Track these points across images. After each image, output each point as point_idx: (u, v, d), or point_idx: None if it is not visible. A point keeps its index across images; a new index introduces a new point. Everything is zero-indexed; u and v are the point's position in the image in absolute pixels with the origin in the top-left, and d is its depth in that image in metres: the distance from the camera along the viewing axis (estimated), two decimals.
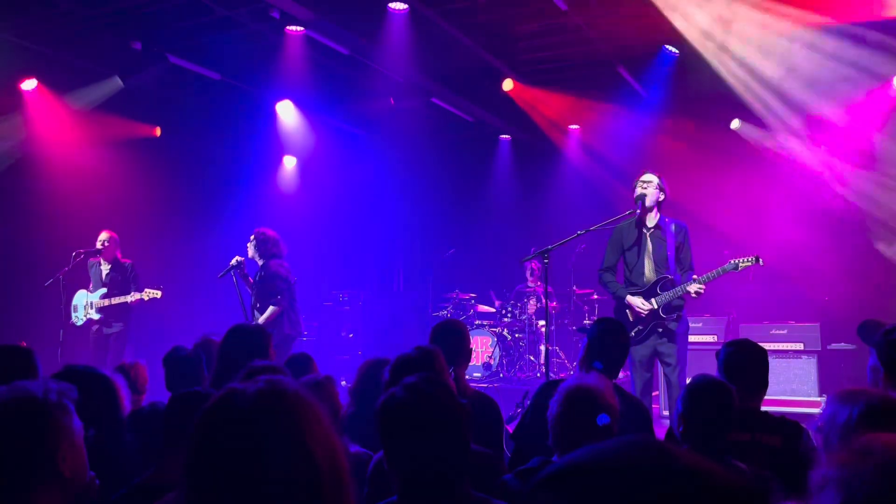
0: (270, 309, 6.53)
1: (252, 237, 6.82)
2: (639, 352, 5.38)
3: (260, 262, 6.78)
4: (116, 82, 8.25)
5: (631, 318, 5.43)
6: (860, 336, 3.17)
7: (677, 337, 5.39)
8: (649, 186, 5.45)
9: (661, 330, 5.38)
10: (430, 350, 3.08)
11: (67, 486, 1.66)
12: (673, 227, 5.51)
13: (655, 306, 5.37)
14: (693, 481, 0.69)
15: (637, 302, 5.40)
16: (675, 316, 5.38)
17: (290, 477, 1.13)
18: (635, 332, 5.39)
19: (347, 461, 1.24)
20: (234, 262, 6.72)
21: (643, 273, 5.48)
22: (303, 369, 3.68)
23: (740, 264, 5.40)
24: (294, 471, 1.13)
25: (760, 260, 5.43)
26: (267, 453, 1.13)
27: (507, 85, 8.91)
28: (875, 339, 2.95)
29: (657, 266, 5.46)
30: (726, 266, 5.39)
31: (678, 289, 5.33)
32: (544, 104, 9.50)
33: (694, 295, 5.31)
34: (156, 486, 2.10)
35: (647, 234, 5.50)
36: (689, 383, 2.80)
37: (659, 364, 5.56)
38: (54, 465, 1.63)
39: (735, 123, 9.16)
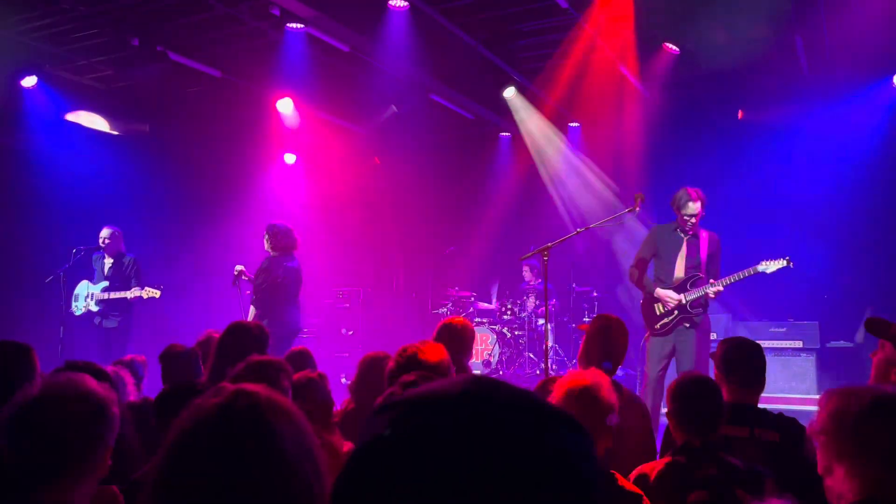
0: (252, 310, 6.54)
1: (265, 234, 6.76)
2: (659, 344, 5.62)
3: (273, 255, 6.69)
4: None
5: (658, 312, 5.65)
6: (869, 330, 3.15)
7: (700, 333, 5.61)
8: (696, 217, 5.62)
9: (687, 325, 5.59)
10: (434, 344, 3.11)
11: (101, 473, 1.73)
12: (708, 237, 5.74)
13: (685, 301, 5.58)
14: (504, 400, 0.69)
15: (667, 294, 5.61)
16: (700, 311, 5.61)
17: (265, 485, 1.10)
18: (661, 325, 5.64)
19: (326, 459, 1.20)
20: (236, 271, 6.80)
21: (673, 272, 5.71)
22: (301, 366, 3.69)
23: (769, 267, 5.48)
24: (267, 477, 1.11)
25: (791, 263, 5.50)
26: (238, 465, 1.10)
27: (509, 93, 8.97)
28: (891, 333, 2.94)
29: (688, 267, 5.68)
30: (757, 266, 5.49)
31: (705, 288, 5.56)
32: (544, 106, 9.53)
33: (712, 295, 5.58)
34: None
35: (685, 239, 5.72)
36: (673, 381, 2.80)
37: (674, 359, 5.69)
38: (104, 454, 1.71)
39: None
